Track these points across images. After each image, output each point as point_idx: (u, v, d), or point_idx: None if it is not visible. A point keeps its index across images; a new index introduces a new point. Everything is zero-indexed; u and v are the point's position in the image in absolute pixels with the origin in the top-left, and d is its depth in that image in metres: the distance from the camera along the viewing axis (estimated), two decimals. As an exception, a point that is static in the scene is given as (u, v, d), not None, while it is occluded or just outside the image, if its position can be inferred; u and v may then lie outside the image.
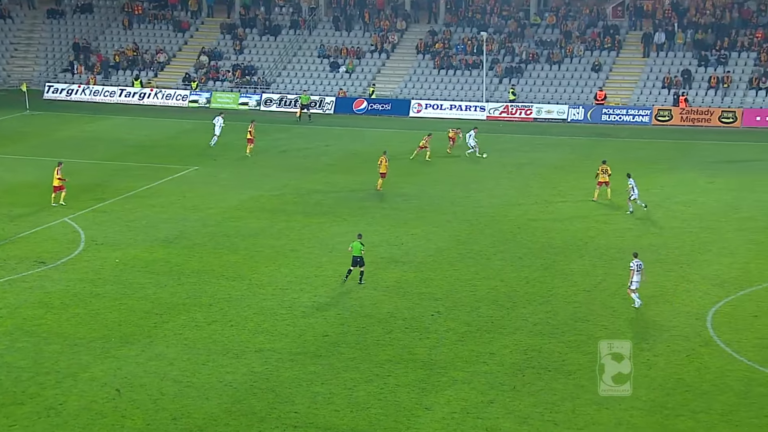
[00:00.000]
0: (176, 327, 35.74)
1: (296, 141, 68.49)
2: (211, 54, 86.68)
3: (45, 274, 41.06)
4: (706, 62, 77.98)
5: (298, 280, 40.21)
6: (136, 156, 63.43)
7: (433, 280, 40.53)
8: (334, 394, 30.64)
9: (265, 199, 52.85)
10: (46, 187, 52.25)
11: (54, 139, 68.82)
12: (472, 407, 29.85)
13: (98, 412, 29.40)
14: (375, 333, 35.27)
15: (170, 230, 46.96)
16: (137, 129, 72.79)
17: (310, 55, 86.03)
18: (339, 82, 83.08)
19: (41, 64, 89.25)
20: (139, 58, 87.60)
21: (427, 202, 51.93)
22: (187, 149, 65.55)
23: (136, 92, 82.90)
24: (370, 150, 65.09)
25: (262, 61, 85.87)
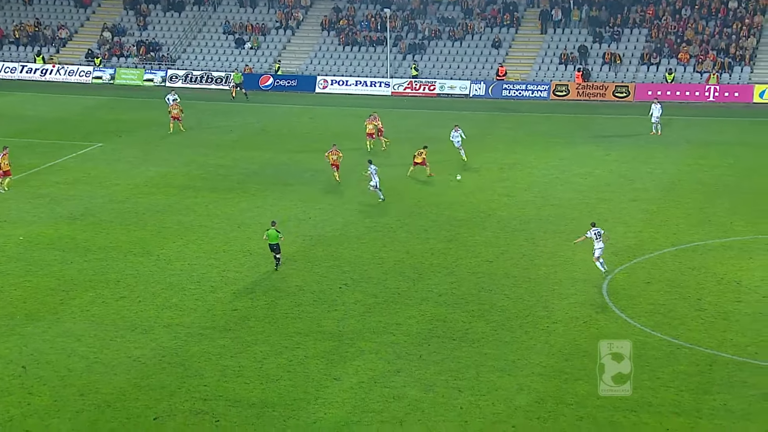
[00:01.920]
0: (83, 303, 35.21)
1: (203, 118, 67.68)
2: (114, 30, 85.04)
3: (-52, 252, 40.11)
4: (600, 38, 79.26)
5: (206, 255, 39.88)
6: (39, 133, 62.11)
7: (340, 253, 40.58)
8: (244, 367, 30.54)
9: (172, 176, 52.21)
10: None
11: (-45, 115, 67.07)
12: (380, 376, 30.04)
13: (4, 390, 28.87)
14: (284, 306, 35.21)
15: (76, 207, 46.14)
16: (40, 105, 71.25)
17: (215, 32, 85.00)
18: (245, 58, 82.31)
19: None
20: (41, 33, 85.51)
21: (331, 177, 51.89)
22: (91, 126, 64.37)
23: (37, 68, 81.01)
24: (276, 126, 64.78)
25: (167, 38, 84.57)
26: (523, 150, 58.43)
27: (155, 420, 27.40)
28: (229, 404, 28.28)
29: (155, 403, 28.25)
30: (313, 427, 27.09)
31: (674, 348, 31.71)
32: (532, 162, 55.59)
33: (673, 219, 44.67)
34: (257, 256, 39.70)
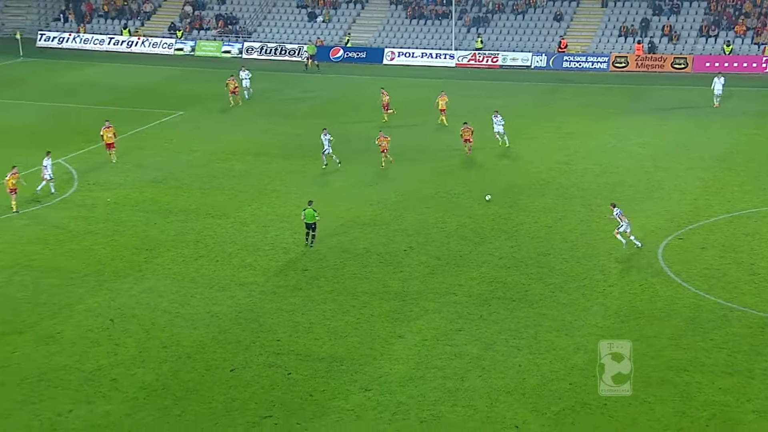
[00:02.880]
0: (165, 262, 35.70)
1: (276, 87, 67.91)
2: (195, 4, 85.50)
3: (41, 212, 40.84)
4: (660, 11, 77.72)
5: (279, 219, 40.13)
6: (125, 101, 62.78)
7: (406, 218, 40.56)
8: (314, 323, 30.78)
9: (247, 143, 52.55)
10: (38, 129, 51.71)
11: (46, 84, 68.01)
12: (442, 335, 30.07)
13: (93, 341, 29.46)
14: (351, 267, 35.35)
15: (158, 172, 46.69)
16: (125, 76, 71.98)
17: (289, 6, 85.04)
18: (317, 31, 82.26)
19: (34, 13, 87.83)
20: (127, 7, 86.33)
21: (400, 146, 51.76)
22: (173, 95, 64.92)
23: (124, 40, 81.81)
24: (345, 95, 64.81)
25: (244, 11, 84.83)
26: (581, 120, 57.66)
27: (232, 371, 27.77)
28: (299, 358, 28.55)
29: (232, 356, 28.63)
30: (379, 381, 27.24)
31: (727, 311, 31.26)
32: (590, 131, 54.88)
33: (728, 187, 43.87)
34: (327, 219, 39.83)
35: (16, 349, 28.85)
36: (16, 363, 28.01)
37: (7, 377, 27.17)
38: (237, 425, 25.00)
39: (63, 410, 25.57)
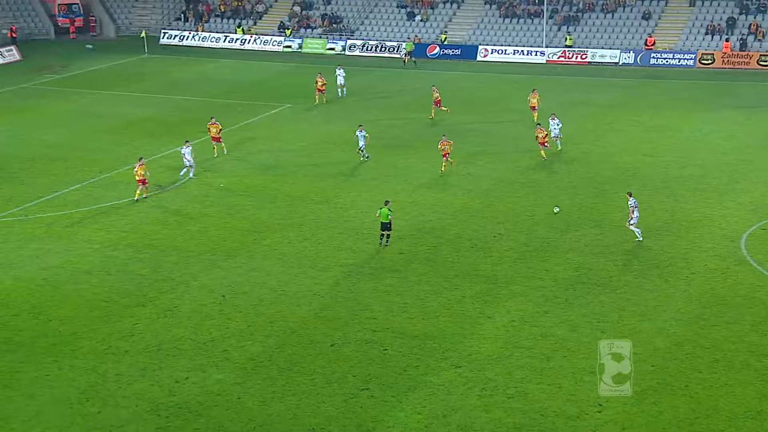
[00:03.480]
0: (272, 243, 36.17)
1: (376, 82, 68.11)
2: (302, 4, 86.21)
3: (162, 196, 41.75)
4: (747, 10, 75.37)
5: (377, 205, 40.12)
6: (238, 94, 63.74)
7: (495, 206, 40.30)
8: (408, 304, 30.84)
9: (349, 134, 52.72)
10: (161, 120, 52.81)
11: (168, 79, 69.41)
12: (529, 317, 29.83)
13: (207, 315, 30.04)
14: (444, 251, 35.29)
15: (267, 160, 47.30)
16: (239, 71, 73.04)
17: (389, 6, 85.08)
18: (414, 29, 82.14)
19: (157, 13, 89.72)
20: (241, 8, 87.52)
21: (491, 137, 51.46)
22: (282, 89, 65.63)
23: (238, 38, 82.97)
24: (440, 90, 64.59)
25: (347, 11, 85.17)
26: (667, 114, 56.39)
27: (332, 346, 28.03)
28: (395, 335, 28.65)
29: (332, 332, 28.89)
30: (469, 359, 27.17)
31: (808, 301, 30.26)
32: (675, 125, 53.65)
33: (811, 180, 42.43)
34: (422, 206, 39.87)
35: (139, 320, 29.61)
36: (139, 333, 28.74)
37: (131, 346, 27.91)
38: (336, 396, 25.23)
39: (180, 377, 26.16)
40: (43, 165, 45.91)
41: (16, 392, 25.23)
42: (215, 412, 24.44)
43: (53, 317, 29.67)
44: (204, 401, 24.90)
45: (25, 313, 29.96)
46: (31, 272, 33.06)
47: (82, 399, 24.93)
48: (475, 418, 24.21)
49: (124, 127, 53.76)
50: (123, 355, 27.30)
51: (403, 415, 24.32)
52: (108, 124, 54.45)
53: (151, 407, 24.57)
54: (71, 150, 48.92)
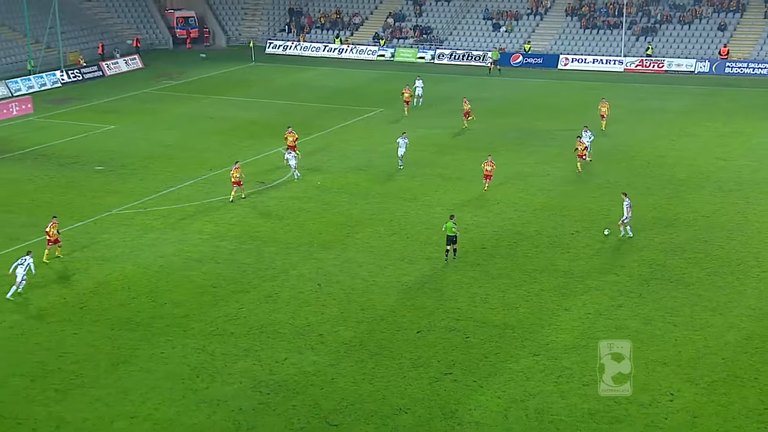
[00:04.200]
0: (364, 237, 36.34)
1: (462, 89, 67.78)
2: (396, 17, 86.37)
3: (264, 192, 42.35)
4: (821, 21, 72.76)
5: (461, 202, 40.13)
6: (335, 99, 64.19)
7: (573, 205, 39.74)
8: (490, 295, 30.65)
9: (435, 136, 52.76)
10: (266, 123, 53.49)
11: (273, 85, 70.31)
12: (604, 309, 29.35)
13: (304, 301, 30.37)
14: (524, 247, 34.96)
15: (360, 160, 47.52)
16: (336, 77, 73.57)
17: (476, 17, 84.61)
18: (499, 39, 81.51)
19: (264, 25, 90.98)
20: (340, 20, 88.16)
21: (569, 141, 50.69)
22: (375, 95, 65.86)
23: (335, 48, 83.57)
24: (522, 96, 63.99)
25: (437, 23, 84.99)
26: (741, 121, 54.74)
27: (418, 333, 28.05)
28: (476, 324, 28.52)
29: (418, 320, 28.92)
30: (546, 348, 26.87)
31: None
32: (749, 131, 52.02)
33: None
34: (503, 205, 39.56)
35: (243, 305, 30.11)
36: (243, 317, 29.22)
37: (236, 328, 28.40)
38: (422, 379, 25.24)
39: (279, 358, 26.51)
40: (160, 163, 47.05)
41: (135, 367, 25.93)
42: (311, 390, 24.70)
43: (168, 300, 30.39)
44: (301, 380, 25.19)
45: (143, 296, 30.77)
46: (149, 259, 33.92)
47: (192, 375, 25.48)
48: (551, 403, 23.94)
49: (232, 129, 54.69)
50: (229, 337, 27.80)
51: (484, 398, 24.20)
52: (217, 127, 55.48)
53: (254, 384, 24.97)
54: (184, 150, 50.01)
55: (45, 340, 27.42)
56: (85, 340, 27.45)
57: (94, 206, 39.56)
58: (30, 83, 66.34)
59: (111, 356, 26.47)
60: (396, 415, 23.50)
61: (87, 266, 33.06)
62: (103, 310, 29.54)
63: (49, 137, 52.34)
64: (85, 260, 33.48)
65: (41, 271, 32.37)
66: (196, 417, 23.37)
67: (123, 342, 27.38)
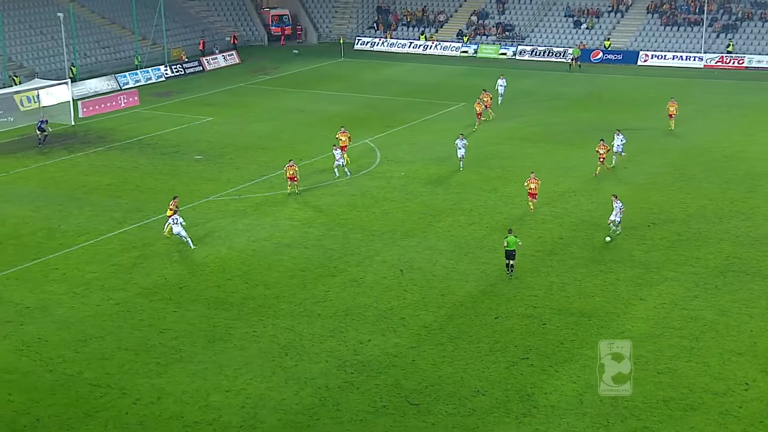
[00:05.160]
0: (445, 226, 36.24)
1: (542, 84, 66.89)
2: (479, 14, 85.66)
3: (351, 181, 42.58)
4: None
5: (540, 194, 39.55)
6: (419, 94, 64.06)
7: (650, 198, 38.83)
8: (566, 284, 30.22)
9: (514, 130, 52.18)
10: (353, 115, 53.72)
11: (360, 79, 70.55)
12: (680, 300, 28.63)
13: (387, 286, 30.48)
14: (600, 238, 34.34)
15: (442, 152, 47.32)
16: (420, 73, 73.38)
17: (558, 15, 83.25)
18: (580, 36, 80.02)
19: (353, 22, 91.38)
20: (425, 17, 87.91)
21: (649, 135, 49.54)
22: (458, 90, 65.44)
23: (420, 44, 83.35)
24: (602, 91, 62.78)
25: (519, 20, 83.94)
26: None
27: (496, 319, 27.87)
28: (553, 312, 28.17)
29: (496, 306, 28.73)
30: (622, 336, 26.35)
31: None
32: (830, 126, 49.93)
33: None
34: (580, 196, 38.91)
35: (330, 288, 30.38)
36: (330, 300, 29.49)
37: (322, 310, 28.69)
38: (499, 363, 25.08)
39: (363, 339, 26.68)
40: (254, 153, 47.78)
41: (230, 344, 26.46)
42: (393, 371, 24.80)
43: (259, 282, 30.89)
44: (383, 361, 25.31)
45: (237, 278, 31.34)
46: (242, 244, 34.53)
47: (282, 353, 25.86)
48: (625, 390, 23.48)
49: (321, 121, 55.13)
50: (316, 318, 28.10)
51: (560, 383, 23.90)
52: (308, 119, 56.02)
53: (339, 364, 25.20)
54: (276, 140, 50.67)
55: (148, 317, 28.21)
56: (184, 317, 28.13)
57: (193, 193, 40.44)
58: (137, 77, 68.15)
59: (207, 333, 27.07)
60: (474, 396, 23.41)
61: (186, 249, 33.85)
62: (201, 291, 30.21)
63: (153, 128, 53.71)
64: (184, 243, 34.28)
65: (143, 252, 33.30)
66: (284, 393, 23.72)
67: (218, 320, 27.96)
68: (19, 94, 56.26)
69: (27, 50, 67.99)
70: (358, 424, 22.32)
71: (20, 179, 43.36)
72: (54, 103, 56.78)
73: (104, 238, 34.77)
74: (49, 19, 69.90)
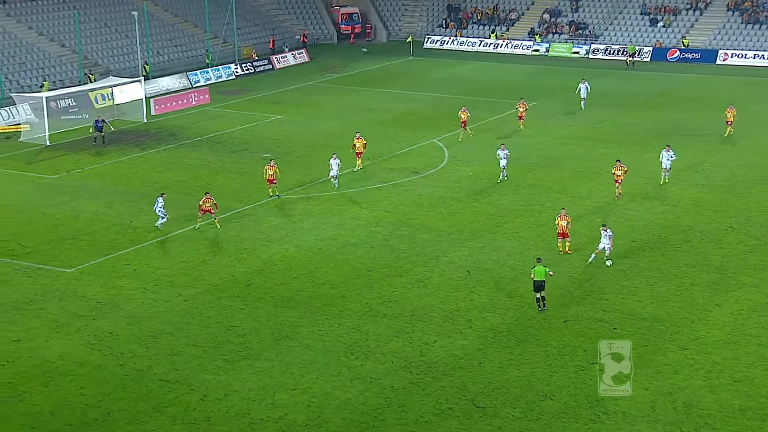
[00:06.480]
0: (513, 227, 35.97)
1: (617, 83, 65.81)
2: (552, 12, 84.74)
3: (418, 181, 42.59)
4: None
5: (611, 195, 38.99)
6: (488, 93, 63.65)
7: (728, 200, 37.88)
8: (638, 288, 29.70)
9: (587, 130, 51.47)
10: (421, 114, 53.65)
11: (429, 78, 70.45)
12: (758, 306, 27.86)
13: (453, 287, 30.40)
14: (675, 241, 33.64)
15: (511, 152, 46.73)
16: (490, 72, 72.97)
17: (633, 13, 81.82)
18: (656, 35, 78.51)
19: (423, 20, 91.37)
20: (496, 15, 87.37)
21: (723, 135, 48.30)
22: (528, 89, 64.76)
23: (491, 43, 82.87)
24: (678, 91, 61.46)
25: (593, 18, 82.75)
26: None
27: (565, 322, 27.54)
28: (624, 316, 27.71)
29: (565, 309, 28.38)
30: (696, 342, 25.79)
31: None
32: None
33: None
34: (653, 199, 38.18)
35: (396, 289, 30.43)
36: (396, 300, 29.54)
37: (388, 310, 28.76)
38: (568, 367, 24.78)
39: (429, 340, 26.66)
40: (322, 151, 48.13)
41: (296, 343, 26.72)
42: (459, 373, 24.72)
43: (326, 281, 31.11)
44: (449, 363, 25.25)
45: (303, 276, 31.63)
46: (309, 242, 34.84)
47: (347, 352, 26.01)
48: (700, 397, 22.98)
49: (390, 120, 55.26)
50: (382, 318, 28.18)
51: (632, 389, 23.49)
52: (377, 117, 56.20)
53: (404, 364, 25.22)
54: (344, 139, 50.89)
55: (216, 314, 28.70)
56: (251, 315, 28.53)
57: (261, 191, 40.96)
58: (207, 75, 69.37)
59: (274, 331, 27.39)
60: (542, 400, 23.18)
61: (253, 247, 34.32)
62: (267, 288, 30.59)
63: (222, 125, 54.59)
64: (251, 241, 34.77)
65: (211, 249, 33.90)
66: (350, 392, 23.85)
67: (285, 318, 28.26)
68: (94, 91, 57.83)
69: (102, 48, 69.85)
70: (424, 426, 22.31)
71: (94, 175, 44.57)
72: (127, 100, 58.21)
73: (174, 235, 35.48)
74: (124, 18, 71.67)
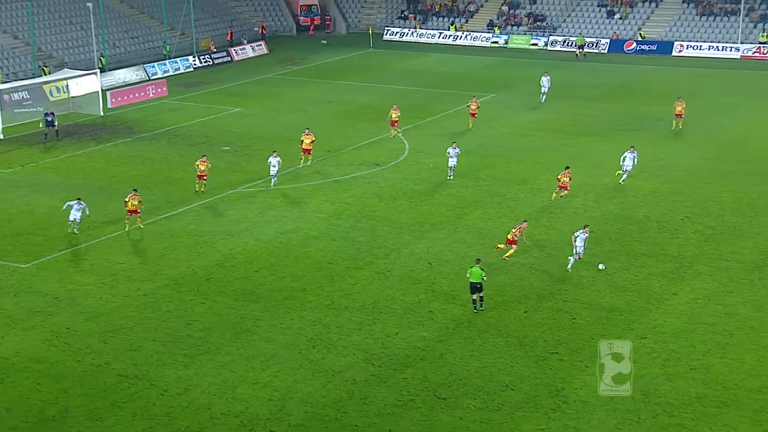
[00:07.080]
0: (473, 219, 36.15)
1: (575, 75, 66.41)
2: (510, 4, 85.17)
3: (379, 173, 42.60)
4: None
5: (572, 187, 39.29)
6: (448, 85, 63.88)
7: (684, 191, 38.46)
8: (596, 278, 30.05)
9: (546, 122, 51.89)
10: (381, 107, 53.72)
11: (389, 70, 70.43)
12: (713, 295, 28.36)
13: (415, 279, 30.48)
14: (632, 232, 34.09)
15: (471, 143, 47.15)
16: (450, 64, 73.13)
17: (590, 4, 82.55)
18: (613, 27, 79.31)
19: (383, 12, 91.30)
20: (455, 7, 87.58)
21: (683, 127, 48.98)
22: (488, 80, 65.22)
23: (450, 35, 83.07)
24: (635, 82, 62.17)
25: (551, 10, 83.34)
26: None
27: (525, 313, 27.78)
28: (583, 306, 28.04)
29: (526, 300, 28.61)
30: (653, 331, 26.19)
31: None
32: None
33: None
34: (612, 190, 38.61)
35: (357, 281, 30.43)
36: (357, 292, 29.54)
37: (350, 303, 28.76)
38: (528, 357, 25.01)
39: (391, 332, 26.71)
40: (282, 144, 47.88)
41: (257, 336, 26.61)
42: (421, 365, 24.81)
43: (287, 274, 31.02)
44: (411, 354, 25.33)
45: (264, 269, 31.50)
46: (270, 235, 34.69)
47: (309, 346, 25.96)
48: (658, 385, 23.34)
49: (350, 113, 55.18)
50: (343, 311, 28.18)
51: (590, 378, 23.75)
52: (336, 110, 56.08)
53: (366, 357, 25.25)
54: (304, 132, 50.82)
55: (175, 308, 28.45)
56: (211, 309, 28.34)
57: (221, 184, 40.66)
58: (165, 67, 68.60)
59: (235, 325, 27.25)
60: (503, 391, 23.37)
61: (213, 240, 34.08)
62: (228, 282, 30.40)
63: (181, 118, 54.07)
64: (211, 235, 34.52)
65: (170, 243, 33.60)
66: (312, 385, 23.83)
67: (246, 312, 28.12)
68: (49, 84, 56.83)
69: (56, 40, 68.72)
70: (386, 418, 22.37)
71: (49, 169, 43.88)
72: (83, 93, 57.31)
73: (132, 229, 35.08)
74: (79, 9, 70.57)
